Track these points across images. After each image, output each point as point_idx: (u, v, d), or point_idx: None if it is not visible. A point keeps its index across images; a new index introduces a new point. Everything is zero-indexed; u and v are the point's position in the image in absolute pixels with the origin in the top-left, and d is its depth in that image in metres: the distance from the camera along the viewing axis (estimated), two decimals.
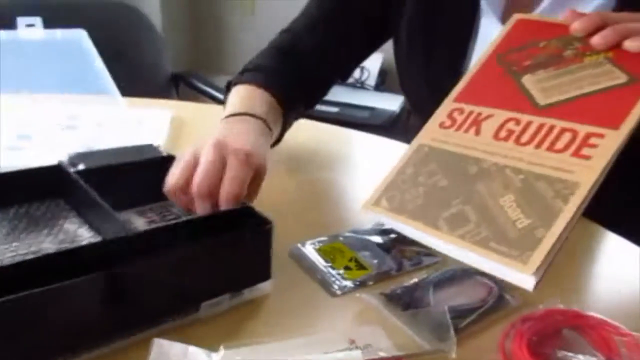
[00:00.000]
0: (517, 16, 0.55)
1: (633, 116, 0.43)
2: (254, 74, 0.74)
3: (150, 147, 0.62)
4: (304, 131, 0.84)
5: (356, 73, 1.81)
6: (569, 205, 0.41)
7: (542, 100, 0.47)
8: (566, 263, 0.55)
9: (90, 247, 0.44)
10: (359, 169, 0.83)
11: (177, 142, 0.84)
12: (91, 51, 0.87)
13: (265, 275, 0.49)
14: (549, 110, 0.46)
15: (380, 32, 0.80)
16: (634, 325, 0.45)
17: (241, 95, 0.70)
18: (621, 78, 0.45)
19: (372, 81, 1.87)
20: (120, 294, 0.41)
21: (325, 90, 0.83)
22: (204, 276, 0.45)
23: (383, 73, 1.88)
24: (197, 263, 0.45)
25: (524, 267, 0.40)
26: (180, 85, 1.69)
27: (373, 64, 1.85)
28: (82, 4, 1.52)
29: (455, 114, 0.51)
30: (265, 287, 0.49)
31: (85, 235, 0.52)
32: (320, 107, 0.87)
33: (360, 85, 1.88)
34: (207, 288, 0.46)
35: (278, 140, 0.73)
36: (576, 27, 0.49)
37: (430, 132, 0.52)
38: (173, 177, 0.53)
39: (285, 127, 0.73)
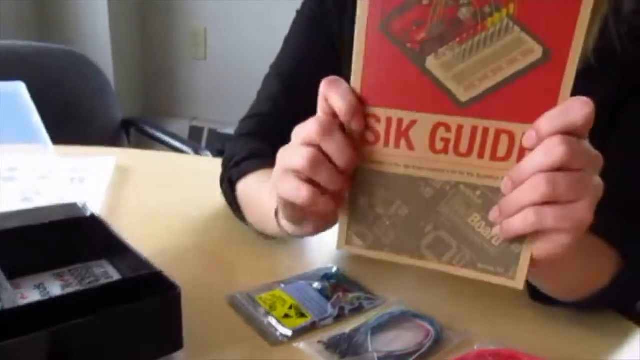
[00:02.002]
0: None
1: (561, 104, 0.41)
2: (252, 161, 0.70)
3: (74, 207, 0.61)
4: None
5: None
6: None
7: (462, 95, 0.42)
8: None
9: None
10: None
11: (120, 191, 0.83)
12: (28, 104, 0.86)
13: (176, 344, 0.46)
14: (474, 107, 0.42)
15: None
16: None
17: (262, 180, 0.67)
18: (535, 51, 0.40)
19: None
20: None
21: None
22: (111, 346, 0.43)
23: None
24: (99, 333, 0.42)
25: (513, 282, 0.44)
26: (131, 130, 1.68)
27: None
28: (31, 52, 1.50)
29: (373, 123, 0.45)
30: (178, 357, 0.47)
31: None
32: None
33: None
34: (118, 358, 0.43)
35: None
36: None
37: (360, 152, 0.46)
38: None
39: None
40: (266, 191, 0.62)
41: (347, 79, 0.45)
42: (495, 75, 0.41)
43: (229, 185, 0.72)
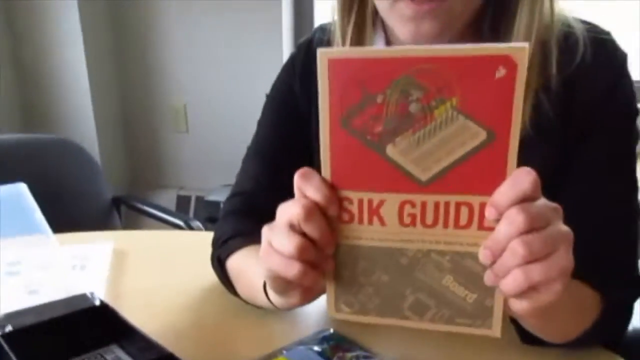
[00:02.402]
0: (326, 55, 0.46)
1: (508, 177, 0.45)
2: (238, 240, 0.74)
3: (83, 297, 0.65)
4: None
5: None
6: None
7: (421, 175, 0.46)
8: None
9: None
10: None
11: (120, 275, 0.87)
12: (30, 203, 0.92)
13: None
14: (434, 185, 0.46)
15: None
16: None
17: (249, 255, 0.72)
18: (480, 135, 0.44)
19: None
20: None
21: None
22: None
23: None
24: None
25: (491, 332, 0.49)
26: (121, 207, 1.73)
27: None
28: (22, 142, 1.57)
29: (347, 204, 0.49)
30: None
31: None
32: None
33: None
34: None
35: None
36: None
37: (338, 230, 0.51)
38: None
39: None
40: (253, 266, 0.67)
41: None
42: (448, 157, 0.45)
43: (218, 263, 0.76)
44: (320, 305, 0.77)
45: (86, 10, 1.95)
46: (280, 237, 0.49)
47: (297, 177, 0.49)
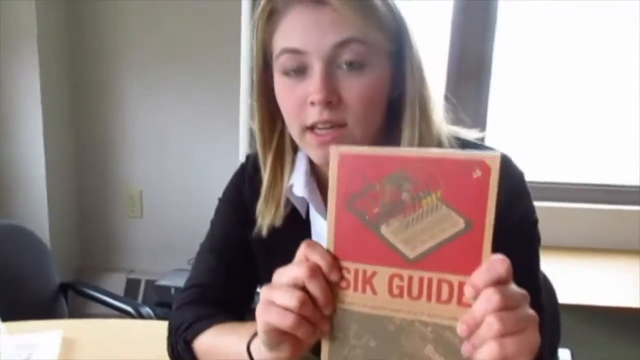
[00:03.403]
0: (338, 151, 0.55)
1: (485, 261, 0.51)
2: (200, 323, 0.79)
3: None
4: None
5: None
6: None
7: (409, 253, 0.53)
8: None
9: None
10: None
11: None
12: None
13: None
14: (420, 262, 0.53)
15: None
16: None
17: (221, 331, 0.76)
18: (459, 223, 0.51)
19: None
20: None
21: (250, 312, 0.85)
22: None
23: None
24: None
25: None
26: (69, 293, 1.71)
27: None
28: None
29: (345, 273, 0.56)
30: None
31: None
32: None
33: None
34: None
35: None
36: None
37: (335, 295, 0.56)
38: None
39: None
40: (232, 338, 0.72)
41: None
42: (432, 240, 0.52)
43: (184, 345, 0.79)
44: None
45: (47, 91, 2.00)
46: (282, 293, 0.55)
47: (303, 246, 0.56)
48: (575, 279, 1.74)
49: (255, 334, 0.65)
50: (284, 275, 0.56)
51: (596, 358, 1.99)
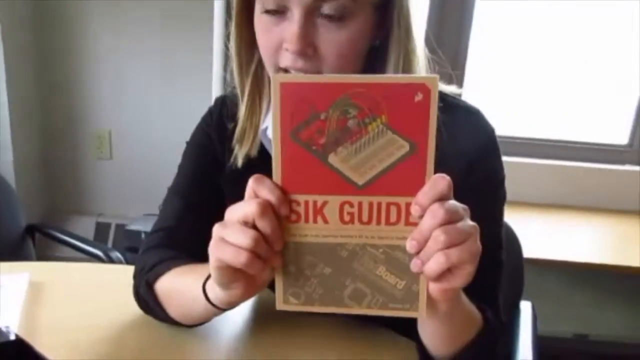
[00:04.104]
0: (278, 80, 0.54)
1: (428, 180, 0.54)
2: (162, 265, 0.78)
3: None
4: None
5: None
6: None
7: (358, 179, 0.55)
8: None
9: None
10: None
11: (37, 308, 0.87)
12: None
13: None
14: (369, 188, 0.55)
15: None
16: None
17: (178, 278, 0.75)
18: (404, 146, 0.54)
19: None
20: None
21: None
22: None
23: None
24: None
25: (418, 314, 0.58)
26: (36, 235, 1.68)
27: None
28: None
29: (294, 206, 0.56)
30: None
31: None
32: None
33: None
34: None
35: None
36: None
37: (284, 229, 0.57)
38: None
39: None
40: (190, 279, 0.72)
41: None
42: (380, 164, 0.55)
43: (146, 288, 0.79)
44: (249, 337, 0.81)
45: (9, 33, 1.90)
46: (234, 231, 0.55)
47: (251, 181, 0.56)
48: (540, 235, 1.78)
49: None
50: (235, 212, 0.56)
51: (555, 311, 2.08)
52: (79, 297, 0.92)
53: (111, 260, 1.51)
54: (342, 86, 0.53)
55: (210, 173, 0.87)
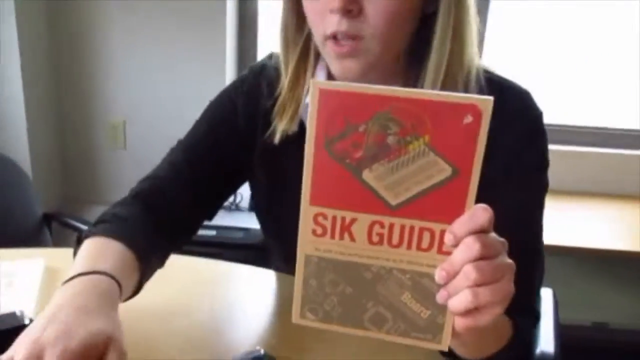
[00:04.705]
0: (317, 86, 0.50)
1: (467, 210, 0.51)
2: (107, 225, 0.73)
3: (12, 316, 0.65)
4: (178, 270, 0.90)
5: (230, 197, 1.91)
6: None
7: (392, 200, 0.52)
8: None
9: None
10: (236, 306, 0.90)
11: (51, 293, 0.85)
12: None
13: None
14: (402, 210, 0.52)
15: (241, 176, 0.91)
16: None
17: (89, 250, 0.69)
18: (446, 170, 0.50)
19: (245, 203, 1.99)
20: None
21: (191, 234, 0.86)
22: None
23: None
24: None
25: (440, 346, 0.55)
26: (52, 224, 1.69)
27: (245, 187, 1.97)
28: None
29: (321, 220, 0.53)
30: None
31: None
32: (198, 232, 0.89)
33: (235, 207, 1.99)
34: None
35: (136, 291, 0.72)
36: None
37: (309, 242, 0.55)
38: None
39: (143, 277, 0.72)
40: (81, 256, 0.68)
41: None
42: (416, 187, 0.51)
43: (76, 241, 0.74)
44: (252, 325, 0.80)
45: (24, 25, 1.90)
46: None
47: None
48: (561, 222, 1.75)
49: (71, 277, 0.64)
50: None
51: (574, 299, 2.04)
52: None
53: None
54: (384, 99, 0.49)
55: (223, 138, 0.85)
